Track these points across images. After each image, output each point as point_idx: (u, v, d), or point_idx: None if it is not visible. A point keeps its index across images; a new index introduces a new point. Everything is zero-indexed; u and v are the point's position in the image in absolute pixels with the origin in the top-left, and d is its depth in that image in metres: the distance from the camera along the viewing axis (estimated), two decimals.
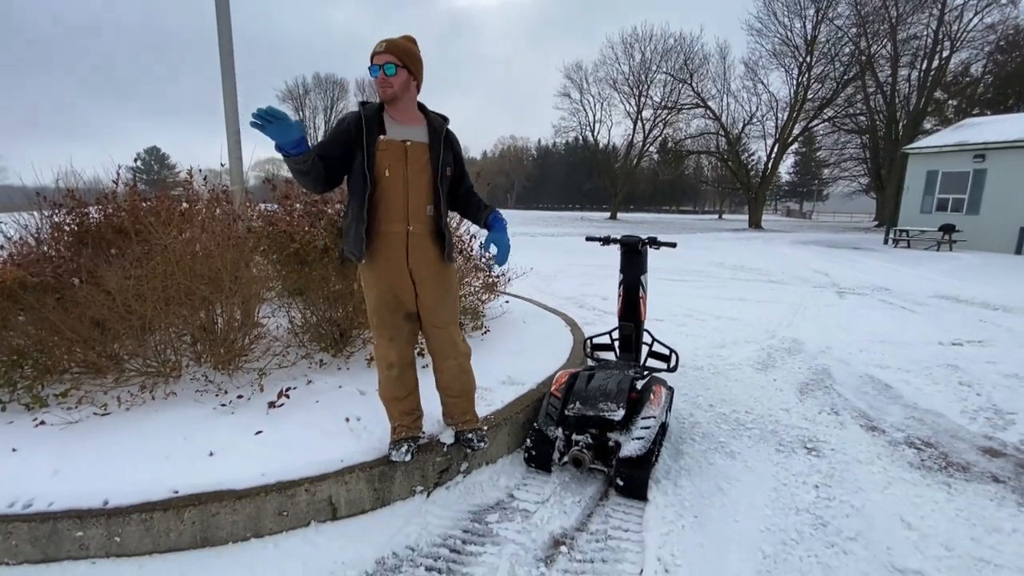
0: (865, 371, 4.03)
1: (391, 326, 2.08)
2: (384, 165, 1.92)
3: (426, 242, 2.02)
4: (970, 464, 2.63)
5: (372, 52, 1.92)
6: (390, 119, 1.97)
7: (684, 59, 34.13)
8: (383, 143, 1.91)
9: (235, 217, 3.10)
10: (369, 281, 2.04)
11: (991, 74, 29.37)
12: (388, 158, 1.92)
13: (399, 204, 1.95)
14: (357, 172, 1.92)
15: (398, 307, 2.07)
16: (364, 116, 1.92)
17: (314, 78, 52.69)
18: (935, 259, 12.78)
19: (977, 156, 16.10)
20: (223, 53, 3.47)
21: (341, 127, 1.93)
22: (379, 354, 2.14)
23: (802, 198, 65.39)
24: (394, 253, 1.98)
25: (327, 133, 1.97)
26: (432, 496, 2.20)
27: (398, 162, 1.93)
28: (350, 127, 1.92)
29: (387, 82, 1.89)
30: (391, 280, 2.01)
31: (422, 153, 1.98)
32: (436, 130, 2.03)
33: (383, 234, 1.96)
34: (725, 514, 2.15)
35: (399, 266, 1.99)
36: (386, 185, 1.93)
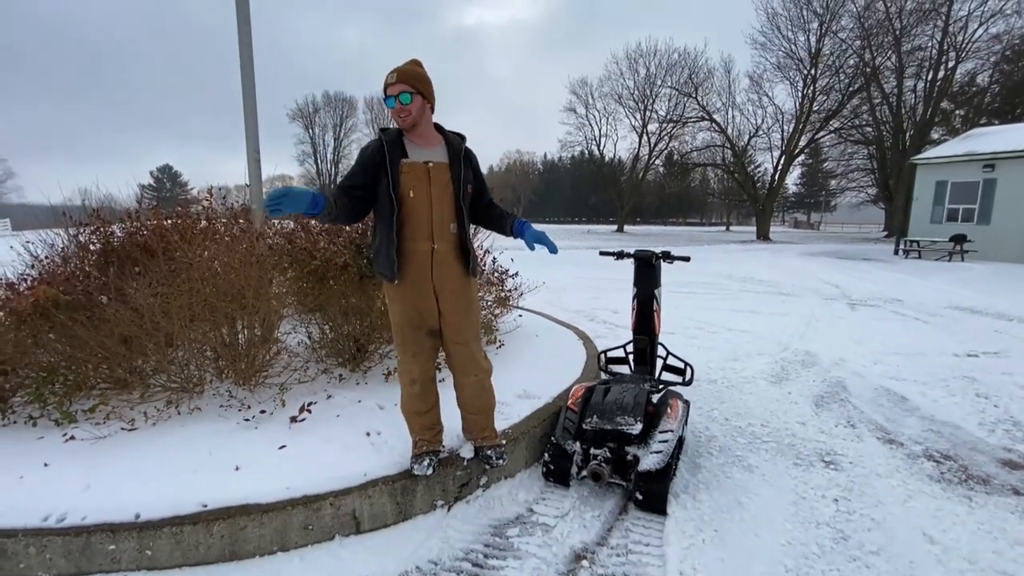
0: (880, 383, 4.01)
1: (414, 342, 2.13)
2: (408, 187, 1.99)
3: (450, 259, 2.08)
4: (990, 477, 2.62)
5: (384, 84, 2.00)
6: (410, 142, 2.06)
7: (689, 73, 34.45)
8: (406, 166, 1.99)
9: (257, 235, 3.18)
10: (394, 298, 2.09)
11: (998, 84, 29.34)
12: (412, 180, 1.99)
13: (424, 223, 2.02)
14: (383, 195, 1.99)
15: (421, 324, 2.11)
16: (385, 142, 2.00)
17: (323, 96, 53.68)
18: (947, 270, 12.68)
19: (986, 166, 16.03)
20: (245, 85, 3.59)
21: (364, 155, 2.01)
22: (402, 369, 2.19)
23: (810, 209, 65.22)
24: (419, 270, 2.04)
25: (352, 167, 2.05)
26: (453, 510, 2.22)
27: (422, 183, 2.01)
28: (374, 154, 1.99)
29: (404, 110, 1.97)
30: (415, 297, 2.07)
31: (444, 173, 2.05)
32: (455, 149, 2.11)
33: (409, 252, 2.02)
34: (745, 528, 2.15)
35: (424, 283, 2.05)
36: (411, 205, 2.00)
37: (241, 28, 3.57)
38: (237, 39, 3.60)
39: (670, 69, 35.66)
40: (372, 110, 54.53)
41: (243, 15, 3.58)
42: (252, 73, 3.65)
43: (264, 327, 2.97)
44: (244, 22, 3.57)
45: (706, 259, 15.37)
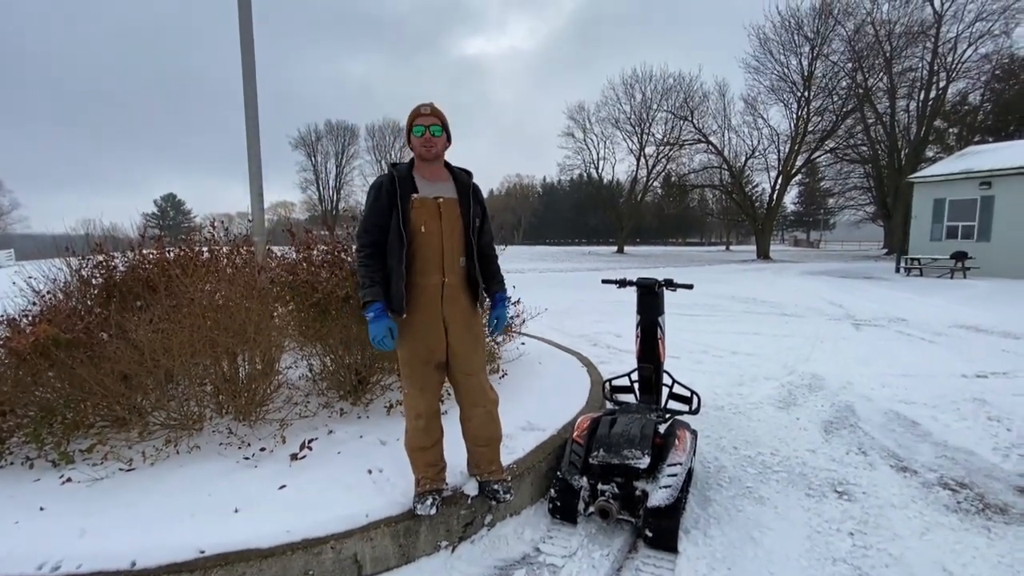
0: (890, 407, 3.95)
1: (422, 377, 2.11)
2: (420, 222, 2.02)
3: (459, 292, 2.11)
4: (1008, 505, 2.55)
5: (415, 112, 2.06)
6: (420, 178, 2.09)
7: (684, 97, 35.09)
8: (417, 201, 2.02)
9: (259, 268, 3.18)
10: (403, 332, 2.08)
11: (990, 102, 29.79)
12: (423, 215, 2.02)
13: (435, 257, 2.04)
14: (393, 230, 2.01)
15: (429, 358, 2.10)
16: (397, 177, 2.03)
17: (326, 125, 54.52)
18: (949, 287, 12.64)
19: (983, 183, 16.14)
20: (249, 121, 3.64)
21: (379, 193, 2.04)
22: (408, 403, 2.17)
23: (809, 227, 65.50)
24: (429, 304, 2.05)
25: (367, 208, 2.07)
26: (457, 551, 2.16)
27: (433, 218, 2.04)
28: (386, 189, 2.02)
29: (432, 142, 2.05)
30: (425, 331, 2.07)
31: (454, 208, 2.09)
32: (464, 185, 2.16)
33: (419, 286, 2.04)
34: (759, 566, 2.08)
35: (434, 316, 2.06)
36: (422, 240, 2.02)
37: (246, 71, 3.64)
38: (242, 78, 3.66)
39: (666, 93, 36.38)
40: (373, 138, 55.40)
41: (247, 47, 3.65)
42: (256, 115, 3.70)
43: (265, 360, 2.95)
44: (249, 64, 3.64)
45: (708, 280, 15.37)
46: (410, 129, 2.08)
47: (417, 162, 2.12)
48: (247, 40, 3.62)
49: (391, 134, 55.16)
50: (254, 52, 3.66)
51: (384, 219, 2.01)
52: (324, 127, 54.35)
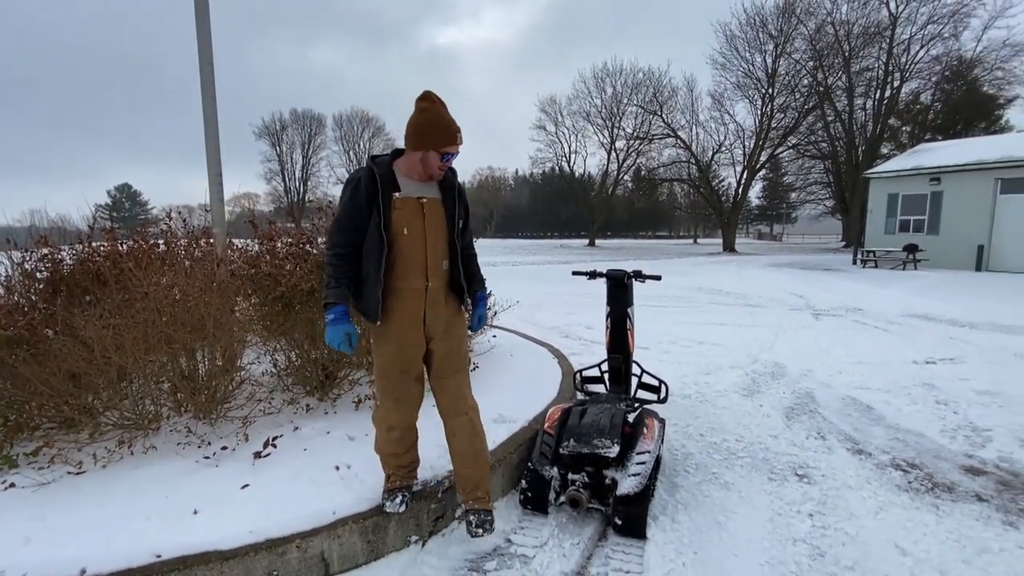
0: (847, 393, 4.11)
1: (399, 387, 2.00)
2: (402, 223, 1.88)
3: (442, 296, 2.01)
4: (954, 484, 2.69)
5: (448, 135, 1.86)
6: (403, 176, 1.93)
7: (653, 92, 35.50)
8: (399, 201, 1.88)
9: (218, 261, 3.06)
10: (380, 340, 1.97)
11: (940, 102, 31.28)
12: (406, 216, 1.89)
13: (418, 261, 1.92)
14: (372, 232, 1.86)
15: (408, 367, 1.99)
16: (378, 175, 1.87)
17: (291, 114, 52.93)
18: (902, 278, 13.26)
19: (933, 179, 16.97)
20: (206, 101, 3.49)
21: (356, 190, 1.87)
22: (380, 415, 2.07)
23: (772, 221, 67.55)
24: (411, 309, 1.93)
25: (342, 205, 1.91)
26: (427, 545, 2.14)
27: (416, 219, 1.91)
28: (365, 186, 1.86)
29: (446, 167, 1.94)
30: (405, 338, 1.95)
31: (438, 209, 1.96)
32: (449, 185, 2.02)
33: (400, 291, 1.92)
34: (724, 549, 2.14)
35: (414, 322, 1.95)
36: (405, 243, 1.89)
37: (202, 51, 3.48)
38: (198, 57, 3.50)
39: (635, 88, 36.73)
40: (341, 128, 54.13)
41: (203, 30, 3.49)
42: (213, 94, 3.56)
43: (226, 356, 2.84)
44: (205, 39, 3.48)
45: (676, 272, 15.68)
46: (433, 146, 1.86)
47: (407, 164, 1.93)
48: (203, 14, 3.46)
49: (359, 124, 54.03)
50: (210, 24, 3.49)
51: (361, 219, 1.86)
52: (289, 116, 52.80)
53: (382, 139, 54.60)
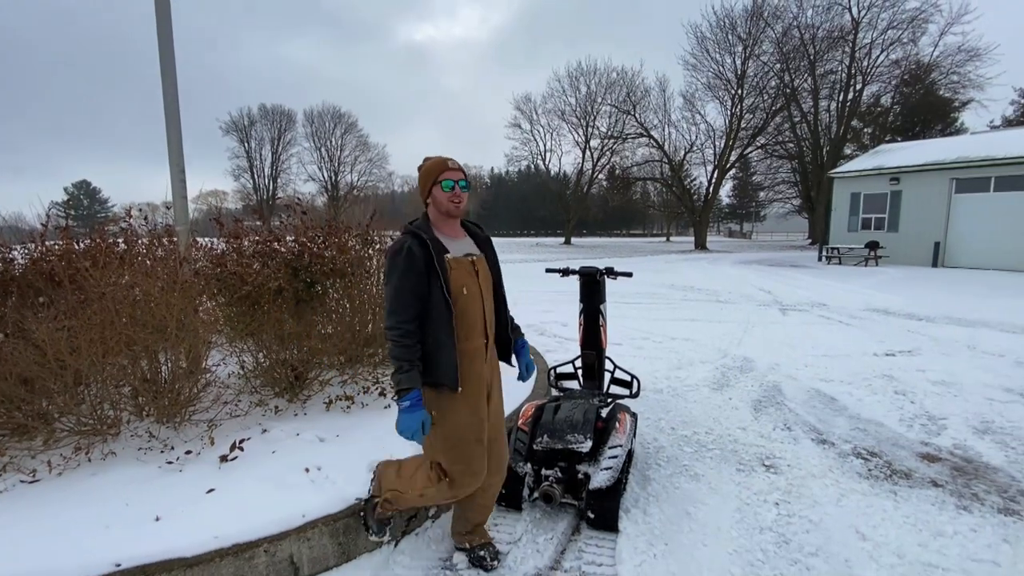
0: (812, 385, 4.25)
1: (477, 456, 1.84)
2: (460, 283, 1.81)
3: (494, 352, 1.99)
4: (912, 471, 2.80)
5: (440, 165, 1.84)
6: (444, 236, 1.86)
7: (627, 92, 35.93)
8: (453, 261, 1.82)
9: (181, 260, 2.96)
10: (454, 408, 1.81)
11: (899, 104, 32.53)
12: (462, 276, 1.82)
13: (478, 319, 1.86)
14: (437, 298, 1.75)
15: (482, 433, 1.86)
16: (428, 239, 1.77)
17: (260, 109, 51.55)
18: (864, 274, 13.75)
19: (892, 179, 17.63)
20: (167, 95, 3.38)
21: (412, 258, 1.73)
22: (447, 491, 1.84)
23: (742, 219, 69.21)
24: (476, 370, 1.86)
25: (398, 278, 1.73)
26: (400, 546, 2.12)
27: (470, 278, 1.85)
28: (418, 256, 1.74)
29: (461, 197, 1.85)
30: (478, 400, 1.86)
31: (483, 264, 1.93)
32: (483, 239, 2.00)
33: (466, 353, 1.83)
34: (694, 539, 2.18)
35: (480, 384, 1.87)
36: (465, 303, 1.82)
37: (162, 38, 3.36)
38: (158, 49, 3.38)
39: (609, 87, 37.11)
40: (312, 124, 53.02)
41: (164, 20, 3.37)
42: (175, 83, 3.44)
43: (190, 358, 2.76)
44: (165, 25, 3.36)
45: (650, 270, 15.91)
46: (433, 183, 1.82)
47: (436, 220, 1.87)
48: (163, 4, 3.34)
49: (331, 120, 53.03)
50: (170, 13, 3.38)
51: (422, 288, 1.73)
52: (258, 111, 51.43)
53: (354, 135, 53.75)
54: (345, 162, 54.47)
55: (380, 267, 3.65)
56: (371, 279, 3.51)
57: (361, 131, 53.98)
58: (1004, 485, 2.64)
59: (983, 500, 2.49)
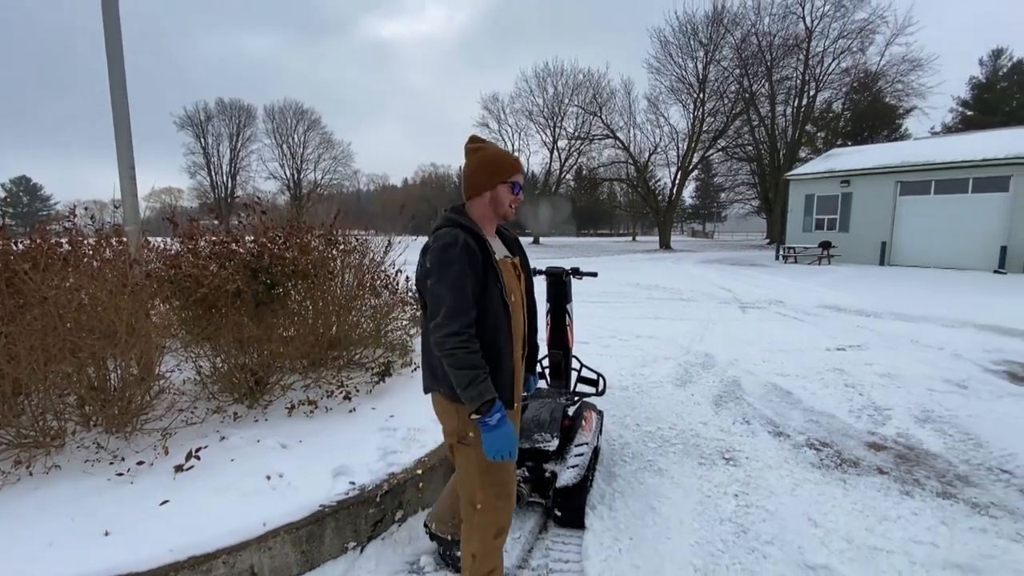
0: (769, 380, 4.41)
1: (511, 477, 1.67)
2: (510, 288, 1.63)
3: (522, 364, 1.80)
4: (859, 459, 2.95)
5: (511, 165, 1.64)
6: (488, 237, 1.65)
7: (593, 93, 36.39)
8: (503, 263, 1.63)
9: (131, 261, 2.83)
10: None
11: (849, 110, 34.16)
12: (509, 280, 1.64)
13: (520, 329, 1.69)
14: (496, 302, 1.54)
15: (515, 453, 1.62)
16: (476, 236, 1.56)
17: (217, 104, 49.64)
18: (817, 272, 14.37)
19: (843, 181, 18.49)
20: (114, 87, 3.22)
21: (472, 256, 1.50)
22: (488, 521, 1.63)
23: (704, 219, 71.13)
24: (517, 383, 1.68)
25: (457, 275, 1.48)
26: (366, 551, 2.09)
27: (516, 282, 1.69)
28: (476, 253, 1.52)
29: (519, 202, 1.69)
30: (515, 417, 1.70)
31: (520, 268, 1.77)
32: (512, 240, 1.81)
33: (512, 367, 1.62)
34: (658, 532, 2.24)
35: (518, 397, 1.71)
36: (513, 311, 1.62)
37: (108, 24, 3.20)
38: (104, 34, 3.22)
39: (576, 89, 37.50)
40: (273, 120, 51.44)
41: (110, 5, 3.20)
42: (122, 73, 3.27)
43: (142, 365, 2.64)
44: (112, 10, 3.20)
45: (616, 269, 16.17)
46: (503, 180, 1.62)
47: (480, 216, 1.65)
48: None
49: (293, 117, 51.59)
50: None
51: (479, 289, 1.51)
52: (215, 106, 49.53)
53: (318, 132, 52.48)
54: (308, 160, 53.12)
55: (345, 268, 3.58)
56: (335, 280, 3.44)
57: (325, 128, 52.76)
58: (942, 470, 2.81)
59: (924, 485, 2.65)
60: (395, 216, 4.46)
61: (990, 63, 35.87)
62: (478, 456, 1.56)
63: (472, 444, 1.58)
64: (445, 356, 1.45)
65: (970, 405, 3.78)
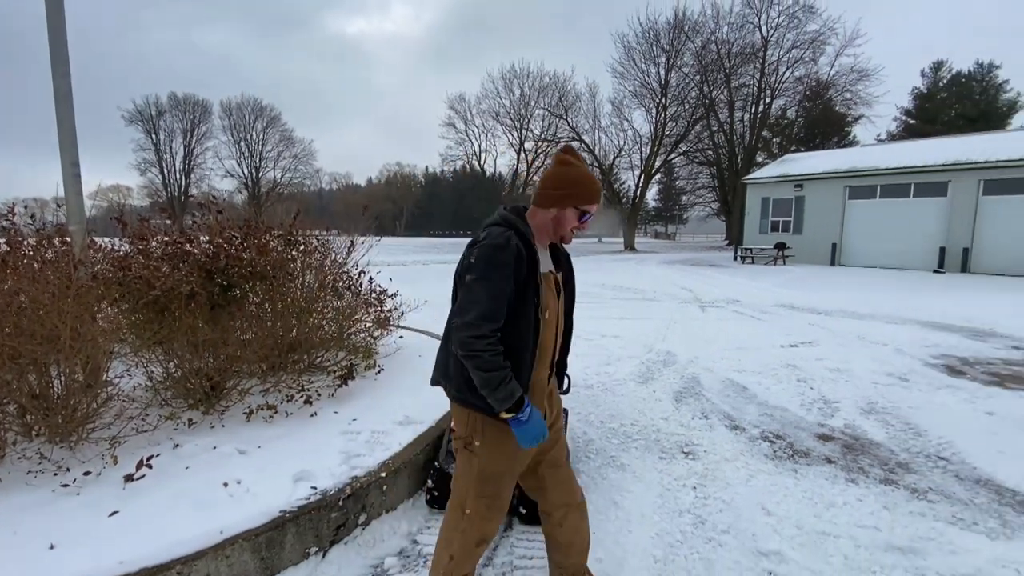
0: (727, 376, 4.57)
1: (505, 493, 1.63)
2: (546, 304, 1.56)
3: (553, 383, 1.77)
4: (810, 450, 3.10)
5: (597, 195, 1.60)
6: (538, 246, 1.59)
7: (559, 96, 36.78)
8: (545, 278, 1.57)
9: (76, 263, 2.69)
10: (503, 439, 1.54)
11: (802, 117, 35.74)
12: (548, 296, 1.58)
13: (551, 347, 1.63)
14: (527, 315, 1.49)
15: (522, 469, 1.66)
16: (531, 246, 1.52)
17: (170, 98, 47.61)
18: (773, 272, 14.96)
19: (797, 185, 19.34)
20: (57, 76, 3.06)
21: (517, 264, 1.46)
22: (467, 527, 1.60)
23: (667, 221, 72.86)
24: (542, 404, 1.65)
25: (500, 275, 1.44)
26: (328, 556, 2.06)
27: (553, 298, 1.62)
28: (524, 261, 1.48)
29: (583, 227, 1.64)
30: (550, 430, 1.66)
31: (561, 285, 1.70)
32: (565, 257, 1.73)
33: (535, 383, 1.60)
34: (620, 526, 2.29)
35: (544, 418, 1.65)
36: (545, 329, 1.58)
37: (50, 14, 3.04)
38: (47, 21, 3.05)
39: (542, 91, 37.87)
40: (230, 116, 49.77)
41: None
42: (66, 61, 3.11)
43: (88, 371, 2.52)
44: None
45: (583, 270, 16.36)
46: (574, 202, 1.56)
47: (538, 227, 1.60)
48: None
49: (251, 113, 50.04)
50: None
51: (514, 298, 1.46)
52: (168, 101, 47.50)
53: (278, 129, 51.08)
54: (268, 157, 51.68)
55: (305, 269, 3.51)
56: (295, 282, 3.37)
57: (285, 125, 51.45)
58: (885, 458, 2.98)
59: (868, 472, 2.81)
60: (358, 216, 4.39)
61: (931, 75, 38.22)
62: (480, 465, 1.57)
63: (476, 453, 1.56)
64: (469, 357, 1.42)
65: (911, 397, 4.03)
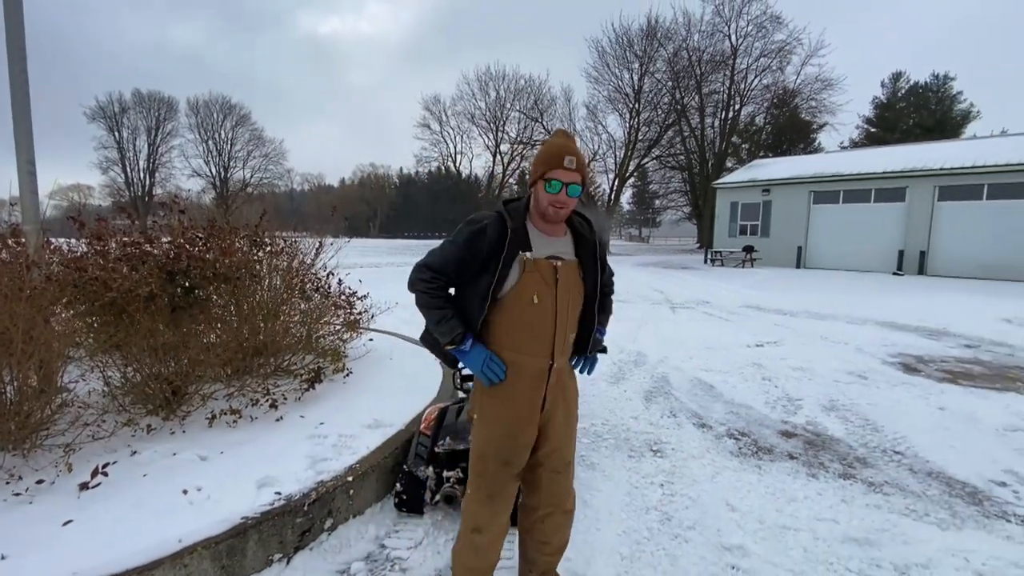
0: (695, 375, 4.67)
1: (495, 481, 1.63)
2: (531, 291, 1.53)
3: (566, 375, 1.71)
4: (773, 447, 3.20)
5: (555, 156, 1.50)
6: (535, 230, 1.59)
7: (535, 99, 37.09)
8: (530, 263, 1.53)
9: (29, 264, 2.59)
10: (490, 418, 1.61)
11: (770, 124, 36.83)
12: (535, 282, 1.54)
13: (546, 336, 1.57)
14: (476, 292, 1.54)
15: (512, 459, 1.63)
16: (512, 230, 1.52)
17: (134, 95, 46.00)
18: (741, 275, 15.35)
19: (764, 190, 19.90)
20: (13, 65, 2.94)
21: (476, 242, 1.51)
22: (468, 511, 1.69)
23: (640, 225, 74.02)
24: (531, 391, 1.60)
25: (452, 244, 1.55)
26: (293, 562, 2.02)
27: (548, 287, 1.55)
28: (490, 242, 1.50)
29: (566, 204, 1.53)
30: (519, 422, 1.61)
31: (573, 273, 1.61)
32: (587, 242, 1.65)
33: (520, 367, 1.58)
34: (589, 524, 2.32)
35: (534, 407, 1.61)
36: (532, 316, 1.55)
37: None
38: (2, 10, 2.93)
39: (518, 94, 38.14)
40: (198, 114, 48.41)
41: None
42: (23, 56, 2.99)
43: (41, 375, 2.42)
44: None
45: None
46: (541, 176, 1.52)
47: (532, 211, 1.60)
48: None
49: (220, 111, 48.77)
50: None
51: (468, 273, 1.54)
52: (132, 97, 45.88)
53: (247, 128, 49.91)
54: (237, 157, 50.47)
55: (272, 271, 3.45)
56: (261, 283, 3.30)
57: (255, 124, 50.34)
58: (844, 454, 3.10)
59: (827, 467, 2.91)
60: (329, 217, 4.33)
61: (890, 85, 39.83)
62: (475, 440, 1.68)
63: (475, 424, 1.69)
64: (413, 292, 1.61)
65: (869, 394, 4.19)
